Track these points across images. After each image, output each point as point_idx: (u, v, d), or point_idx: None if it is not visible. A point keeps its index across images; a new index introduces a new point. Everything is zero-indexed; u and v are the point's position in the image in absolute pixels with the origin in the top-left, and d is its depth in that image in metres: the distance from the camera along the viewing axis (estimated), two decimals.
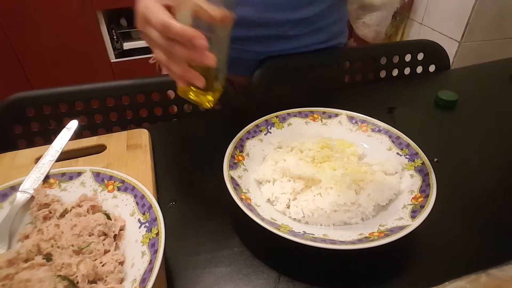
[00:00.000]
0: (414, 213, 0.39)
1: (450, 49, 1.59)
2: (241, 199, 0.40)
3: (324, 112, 0.56)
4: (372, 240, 0.36)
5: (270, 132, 0.54)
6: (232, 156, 0.48)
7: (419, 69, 0.85)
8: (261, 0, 0.66)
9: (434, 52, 0.85)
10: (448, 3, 1.54)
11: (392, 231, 0.37)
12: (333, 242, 0.36)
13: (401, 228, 0.37)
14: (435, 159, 0.53)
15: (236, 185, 0.43)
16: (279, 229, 0.37)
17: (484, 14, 1.51)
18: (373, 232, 0.38)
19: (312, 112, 0.57)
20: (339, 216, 0.41)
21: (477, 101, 0.71)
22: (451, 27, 1.58)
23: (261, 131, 0.53)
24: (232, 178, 0.44)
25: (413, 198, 0.42)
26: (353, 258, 0.39)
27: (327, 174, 0.44)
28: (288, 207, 0.44)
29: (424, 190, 0.42)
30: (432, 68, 0.85)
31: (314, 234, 0.38)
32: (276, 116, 0.55)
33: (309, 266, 0.39)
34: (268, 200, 0.45)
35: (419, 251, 0.41)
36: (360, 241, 0.36)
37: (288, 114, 0.56)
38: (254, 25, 0.68)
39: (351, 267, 0.39)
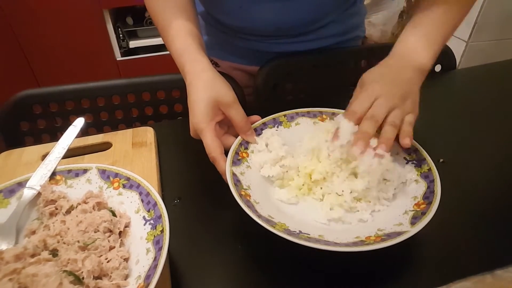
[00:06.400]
0: (414, 220, 0.38)
1: (457, 49, 1.57)
2: (241, 195, 0.41)
3: (333, 113, 0.55)
4: (367, 244, 0.35)
5: (277, 131, 0.53)
6: (236, 153, 0.48)
7: (424, 76, 0.84)
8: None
9: (440, 52, 0.84)
10: None
11: (389, 236, 0.37)
12: (327, 243, 0.36)
13: (399, 233, 0.36)
14: (441, 160, 0.53)
15: (237, 181, 0.43)
16: (274, 227, 0.37)
17: (492, 14, 1.49)
18: (370, 236, 0.38)
19: (321, 112, 0.56)
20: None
21: (484, 102, 0.70)
22: (459, 27, 1.57)
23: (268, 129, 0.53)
24: (234, 174, 0.44)
25: (415, 204, 0.41)
26: (356, 259, 0.38)
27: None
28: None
29: (427, 197, 0.41)
30: (438, 68, 0.84)
31: (309, 234, 0.38)
32: (284, 115, 0.55)
33: (310, 265, 0.39)
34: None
35: (424, 251, 0.41)
36: (355, 244, 0.36)
37: (297, 113, 0.55)
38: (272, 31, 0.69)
39: (354, 268, 0.39)
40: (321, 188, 0.45)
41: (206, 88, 0.48)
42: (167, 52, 0.55)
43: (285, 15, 0.64)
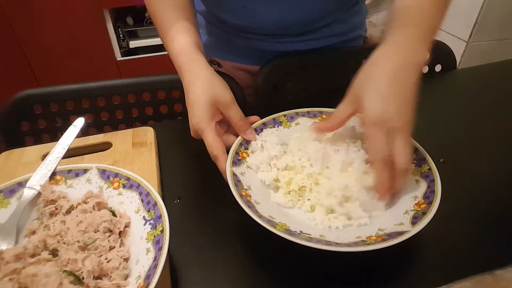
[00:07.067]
0: (415, 219, 0.38)
1: (458, 49, 1.57)
2: (241, 196, 0.41)
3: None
4: (368, 244, 0.35)
5: (277, 131, 0.53)
6: (237, 153, 0.48)
7: (425, 69, 0.84)
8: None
9: (440, 52, 0.84)
10: (456, 2, 1.52)
11: (390, 236, 0.37)
12: (328, 243, 0.36)
13: (400, 233, 0.36)
14: (441, 160, 0.53)
15: (237, 181, 0.43)
16: (275, 227, 0.37)
17: (493, 13, 1.49)
18: (371, 236, 0.38)
19: (321, 112, 0.56)
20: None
21: (484, 102, 0.70)
22: (459, 27, 1.57)
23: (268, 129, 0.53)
24: (234, 175, 0.44)
25: (416, 204, 0.41)
26: (357, 259, 0.39)
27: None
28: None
29: (428, 196, 0.41)
30: (438, 68, 0.84)
31: (310, 234, 0.38)
32: (284, 115, 0.55)
33: (311, 266, 0.39)
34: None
35: (424, 251, 0.41)
36: (356, 244, 0.36)
37: (297, 113, 0.55)
38: (273, 30, 0.69)
39: (355, 268, 0.39)
40: (308, 199, 0.44)
41: (204, 88, 0.48)
42: (167, 52, 0.55)
43: (289, 13, 0.64)
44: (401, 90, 0.40)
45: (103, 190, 0.43)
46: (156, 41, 1.94)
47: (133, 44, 1.95)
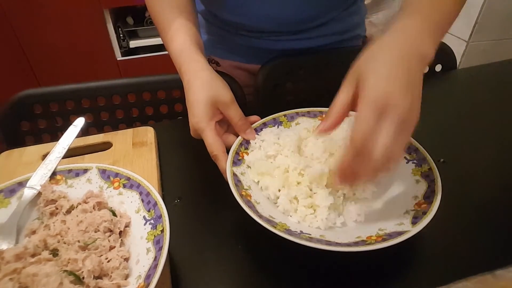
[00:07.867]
0: (415, 219, 0.38)
1: (458, 49, 1.57)
2: (241, 196, 0.41)
3: None
4: (368, 244, 0.35)
5: (277, 129, 0.54)
6: (237, 153, 0.48)
7: (425, 69, 0.84)
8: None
9: (440, 52, 0.83)
10: None
11: (390, 235, 0.37)
12: (328, 243, 0.36)
13: (400, 233, 0.36)
14: (441, 159, 0.53)
15: (237, 181, 0.43)
16: (275, 227, 0.37)
17: (493, 13, 1.49)
18: (371, 236, 0.38)
19: (321, 112, 0.56)
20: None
21: (484, 102, 0.70)
22: (459, 27, 1.56)
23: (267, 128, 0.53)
24: (234, 175, 0.44)
25: (416, 204, 0.41)
26: (357, 259, 0.38)
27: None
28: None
29: (428, 196, 0.41)
30: (438, 68, 0.84)
31: (310, 234, 0.38)
32: (284, 115, 0.55)
33: (311, 266, 0.39)
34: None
35: (424, 251, 0.41)
36: (356, 244, 0.36)
37: (297, 113, 0.56)
38: (269, 26, 0.69)
39: (355, 268, 0.39)
40: (304, 206, 0.43)
41: (204, 88, 0.48)
42: (168, 52, 0.55)
43: (285, 11, 0.65)
44: (406, 78, 0.36)
45: (104, 190, 0.44)
46: (156, 41, 1.94)
47: (133, 44, 1.95)
